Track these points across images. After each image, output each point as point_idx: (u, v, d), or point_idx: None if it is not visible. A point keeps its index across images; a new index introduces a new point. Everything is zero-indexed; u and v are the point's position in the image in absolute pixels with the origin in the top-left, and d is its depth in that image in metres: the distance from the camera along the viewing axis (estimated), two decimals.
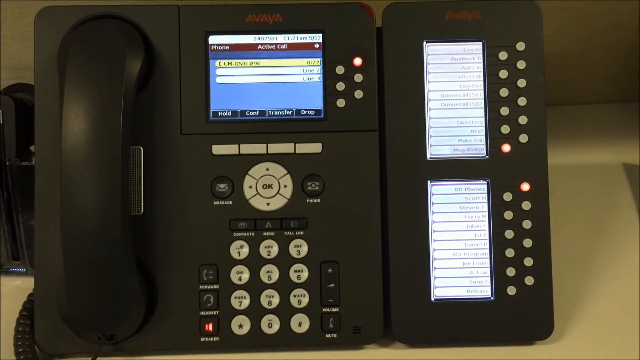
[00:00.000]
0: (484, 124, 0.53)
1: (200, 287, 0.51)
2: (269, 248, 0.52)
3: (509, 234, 0.53)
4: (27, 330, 0.51)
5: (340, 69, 0.53)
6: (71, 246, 0.46)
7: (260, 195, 0.52)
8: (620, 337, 0.54)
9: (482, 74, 0.54)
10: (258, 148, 0.52)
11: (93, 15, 0.52)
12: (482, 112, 0.53)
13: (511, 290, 0.52)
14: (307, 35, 0.53)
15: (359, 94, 0.53)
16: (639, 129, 0.71)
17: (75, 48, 0.48)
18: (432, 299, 0.52)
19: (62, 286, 0.47)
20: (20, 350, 0.50)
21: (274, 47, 0.53)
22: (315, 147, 0.53)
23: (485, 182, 0.53)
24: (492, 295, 0.52)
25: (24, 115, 0.55)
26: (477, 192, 0.53)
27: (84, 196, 0.46)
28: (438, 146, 0.53)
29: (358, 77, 0.53)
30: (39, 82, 0.52)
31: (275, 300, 0.52)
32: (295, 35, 0.53)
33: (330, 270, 0.52)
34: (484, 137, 0.53)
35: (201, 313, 0.51)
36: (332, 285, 0.52)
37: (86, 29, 0.50)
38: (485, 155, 0.53)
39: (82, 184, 0.46)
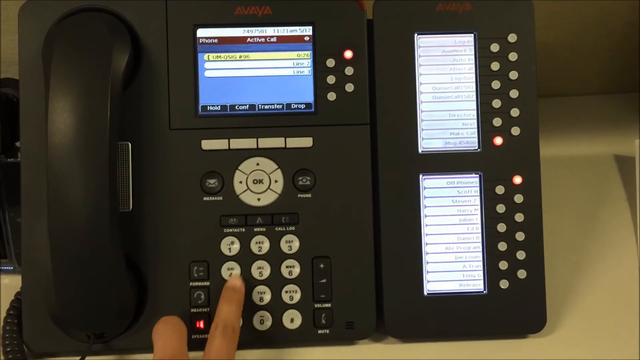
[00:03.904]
0: (475, 117, 0.53)
1: (191, 284, 0.51)
2: (260, 244, 0.51)
3: (502, 227, 0.52)
4: (15, 330, 0.50)
5: (330, 62, 0.52)
6: (59, 244, 0.46)
7: (250, 190, 0.52)
8: (613, 330, 0.54)
9: (473, 66, 0.53)
10: (248, 143, 0.52)
11: (78, 8, 0.51)
12: (473, 105, 0.53)
13: (504, 284, 0.52)
14: (297, 28, 0.53)
15: (349, 87, 0.52)
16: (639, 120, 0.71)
17: (60, 42, 0.47)
18: (425, 293, 0.52)
19: (50, 284, 0.46)
20: (9, 350, 0.49)
21: (263, 40, 0.53)
22: (306, 142, 0.52)
23: (478, 175, 0.53)
24: (484, 289, 0.52)
25: (9, 111, 0.55)
26: (469, 185, 0.53)
27: (71, 193, 0.45)
28: (430, 139, 0.53)
29: (349, 70, 0.52)
30: (24, 77, 0.51)
31: (267, 297, 0.51)
32: (285, 28, 0.53)
33: (322, 266, 0.51)
34: (475, 130, 0.53)
35: (192, 310, 0.51)
36: (324, 280, 0.51)
37: (71, 22, 0.49)
38: (477, 148, 0.53)
39: (69, 180, 0.46)
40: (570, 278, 0.58)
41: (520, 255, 0.52)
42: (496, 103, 0.53)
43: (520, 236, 0.52)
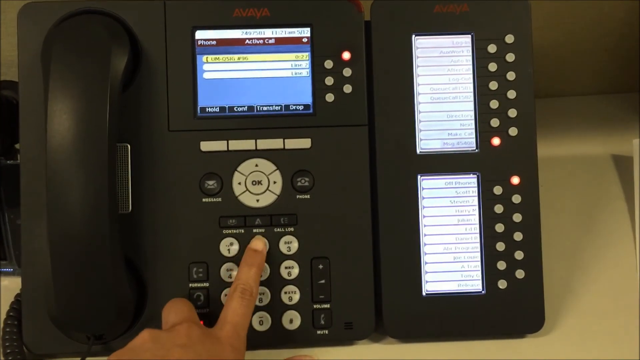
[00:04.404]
0: (473, 118, 0.53)
1: (190, 285, 0.51)
2: None
3: (500, 227, 0.52)
4: (15, 331, 0.50)
5: (328, 64, 0.53)
6: (58, 246, 0.46)
7: (249, 191, 0.52)
8: (611, 329, 0.54)
9: (471, 67, 0.53)
10: (247, 144, 0.52)
11: (77, 10, 0.51)
12: (471, 106, 0.53)
13: (502, 284, 0.52)
14: (295, 30, 0.53)
15: (348, 89, 0.52)
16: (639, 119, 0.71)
17: (59, 44, 0.47)
18: (424, 293, 0.52)
19: (49, 286, 0.47)
20: (9, 351, 0.49)
21: (261, 41, 0.53)
22: (305, 143, 0.52)
23: (475, 175, 0.53)
24: (483, 289, 0.52)
25: (9, 113, 0.55)
26: (467, 186, 0.53)
27: (71, 195, 0.46)
28: (428, 140, 0.53)
29: (347, 72, 0.53)
30: (23, 80, 0.51)
31: (266, 298, 0.51)
32: (283, 30, 0.53)
33: (321, 267, 0.52)
34: (473, 131, 0.53)
35: None
36: (323, 281, 0.52)
37: (70, 24, 0.49)
38: (475, 149, 0.53)
39: (69, 182, 0.46)
40: (569, 278, 0.58)
41: (519, 255, 0.52)
42: (494, 104, 0.53)
43: (518, 236, 0.52)
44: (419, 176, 0.53)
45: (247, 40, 0.53)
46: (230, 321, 0.46)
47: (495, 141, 0.53)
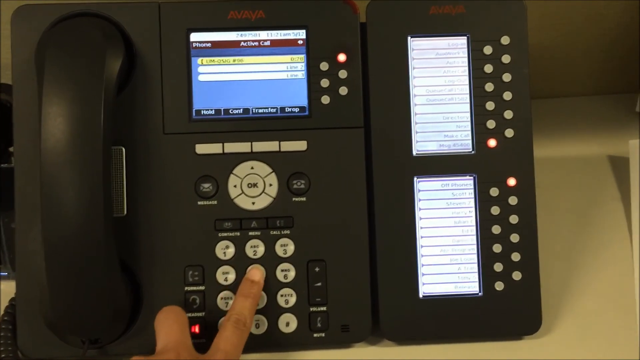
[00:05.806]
0: (469, 119, 0.53)
1: (186, 288, 0.51)
2: (255, 248, 0.51)
3: (496, 229, 0.52)
4: (10, 335, 0.50)
5: (324, 65, 0.52)
6: (53, 249, 0.46)
7: (245, 194, 0.52)
8: (608, 331, 0.54)
9: (467, 68, 0.53)
10: (242, 146, 0.52)
11: (71, 13, 0.51)
12: (467, 107, 0.53)
13: (499, 286, 0.52)
14: (291, 32, 0.53)
15: (343, 91, 0.52)
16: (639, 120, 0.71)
17: (53, 47, 0.47)
18: (420, 296, 0.52)
19: (44, 290, 0.46)
20: (3, 356, 0.49)
21: (256, 43, 0.53)
22: (300, 145, 0.52)
23: (472, 177, 0.53)
24: (480, 291, 0.52)
25: (3, 116, 0.54)
26: (463, 187, 0.53)
27: (65, 198, 0.45)
28: (424, 142, 0.53)
29: (342, 74, 0.52)
30: (17, 82, 0.51)
31: (263, 301, 0.51)
32: (279, 32, 0.53)
33: (317, 269, 0.51)
34: (469, 133, 0.53)
35: (187, 315, 0.51)
36: (319, 284, 0.51)
37: (64, 27, 0.49)
38: (471, 150, 0.53)
39: (63, 185, 0.45)
40: (566, 279, 0.58)
41: (515, 256, 0.52)
42: (490, 105, 0.53)
43: (515, 238, 0.52)
44: (415, 178, 0.53)
45: (242, 42, 0.53)
46: (223, 349, 0.46)
47: (492, 143, 0.53)
